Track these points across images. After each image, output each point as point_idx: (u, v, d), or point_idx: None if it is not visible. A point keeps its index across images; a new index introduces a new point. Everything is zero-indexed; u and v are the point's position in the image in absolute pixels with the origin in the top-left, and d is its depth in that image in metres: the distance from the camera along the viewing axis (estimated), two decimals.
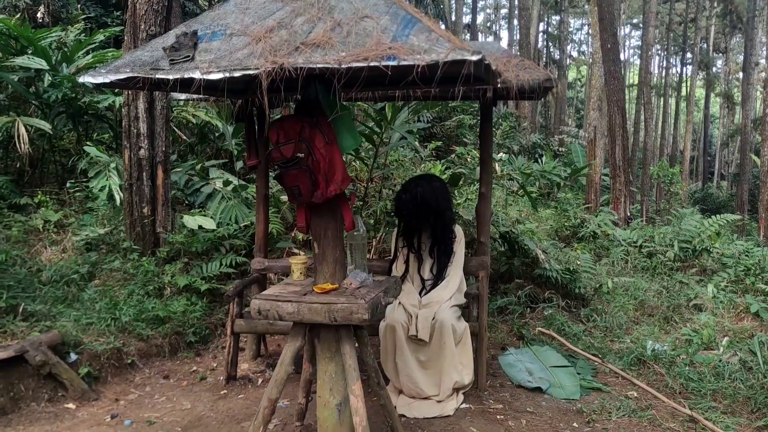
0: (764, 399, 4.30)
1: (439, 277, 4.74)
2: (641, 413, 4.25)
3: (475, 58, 2.45)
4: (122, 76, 2.80)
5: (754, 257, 8.62)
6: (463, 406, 4.39)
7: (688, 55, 38.33)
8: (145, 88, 2.94)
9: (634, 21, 43.44)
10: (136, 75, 2.78)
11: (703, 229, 9.79)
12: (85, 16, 12.95)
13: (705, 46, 39.33)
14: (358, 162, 7.93)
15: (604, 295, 6.89)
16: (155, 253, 6.45)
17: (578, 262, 7.25)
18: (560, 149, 24.93)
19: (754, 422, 4.16)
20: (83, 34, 10.61)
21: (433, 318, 4.43)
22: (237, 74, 2.64)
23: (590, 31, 24.54)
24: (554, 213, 12.10)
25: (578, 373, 4.92)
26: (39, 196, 7.55)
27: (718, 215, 10.31)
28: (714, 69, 42.21)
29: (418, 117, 7.44)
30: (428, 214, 4.71)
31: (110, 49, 9.43)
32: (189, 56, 2.77)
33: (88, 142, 7.72)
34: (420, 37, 2.62)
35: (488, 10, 49.92)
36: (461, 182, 9.60)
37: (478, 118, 22.16)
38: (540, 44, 40.08)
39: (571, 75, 48.02)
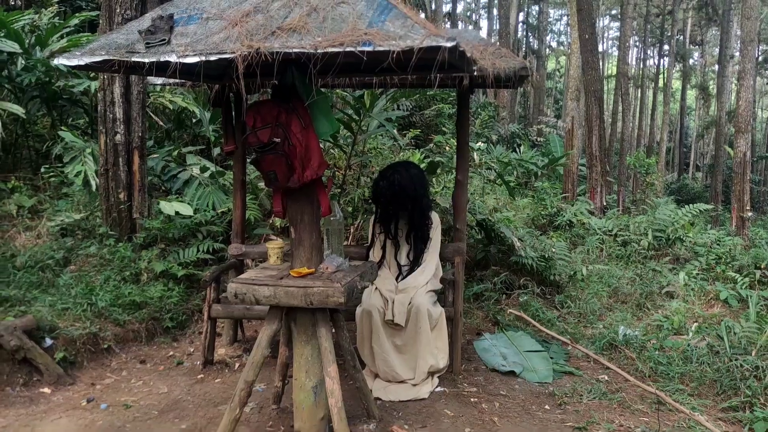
0: (729, 382, 4.41)
1: (415, 262, 4.78)
2: (611, 396, 4.35)
3: (449, 44, 2.48)
4: (97, 59, 2.79)
5: (725, 246, 8.80)
6: (438, 389, 4.46)
7: (665, 47, 38.67)
8: (121, 71, 2.93)
9: (613, 12, 43.67)
10: (111, 58, 2.77)
11: (677, 219, 9.97)
12: (58, 0, 12.72)
13: (682, 38, 39.70)
14: (336, 149, 7.93)
15: (579, 283, 6.99)
16: (132, 239, 6.42)
17: (553, 250, 7.34)
18: (538, 139, 25.08)
19: (719, 404, 4.28)
20: (57, 18, 10.47)
21: (409, 303, 4.48)
22: (213, 58, 2.65)
23: (569, 21, 24.69)
24: (531, 202, 12.21)
25: (551, 358, 5.01)
26: (12, 182, 7.47)
27: (691, 205, 10.49)
28: (690, 61, 42.66)
29: (397, 105, 7.45)
30: (405, 201, 4.74)
31: (85, 34, 9.30)
32: (165, 39, 2.77)
33: (63, 127, 7.65)
34: (395, 24, 2.65)
35: (468, 0, 49.88)
36: (439, 171, 9.64)
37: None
38: (519, 34, 40.15)
39: (551, 65, 48.19)
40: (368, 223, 5.24)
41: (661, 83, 40.34)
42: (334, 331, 3.54)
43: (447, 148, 14.62)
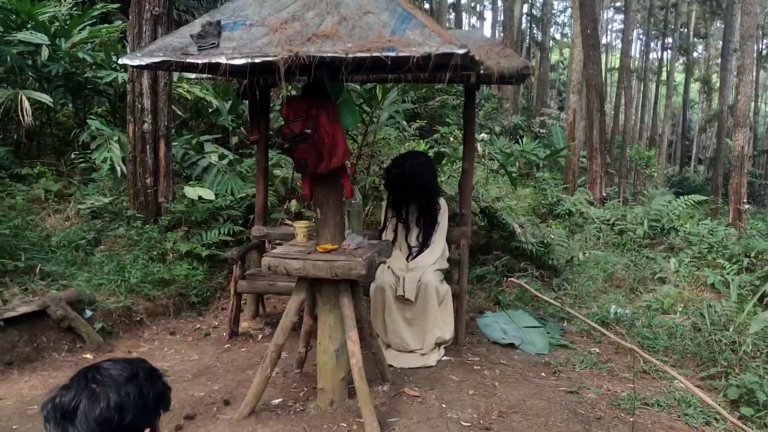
0: (708, 354, 4.86)
1: (424, 244, 5.22)
2: (601, 366, 4.80)
3: (461, 51, 2.91)
4: (156, 60, 3.22)
5: (718, 236, 9.23)
6: (444, 358, 4.91)
7: (669, 40, 38.91)
8: (178, 70, 3.36)
9: (617, 5, 43.87)
10: (168, 59, 3.20)
11: (672, 209, 10.40)
12: None
13: (685, 31, 39.95)
14: (348, 140, 8.36)
15: (576, 267, 7.43)
16: (157, 221, 6.87)
17: (552, 237, 7.77)
18: (541, 131, 25.38)
19: (698, 373, 4.73)
20: (75, 8, 10.87)
21: (419, 280, 4.92)
22: (258, 60, 3.07)
23: (572, 14, 24.96)
24: (533, 192, 12.63)
25: (548, 333, 5.46)
26: (38, 167, 7.90)
27: (685, 196, 10.91)
28: (694, 54, 42.90)
29: (403, 98, 7.87)
30: (416, 188, 5.18)
31: (104, 25, 9.70)
32: (215, 43, 3.20)
33: (90, 116, 8.06)
34: (415, 32, 3.07)
35: None
36: (444, 161, 10.08)
37: (462, 99, 22.60)
38: (524, 25, 40.41)
39: (554, 57, 48.41)
40: (380, 208, 5.67)
41: (663, 76, 40.64)
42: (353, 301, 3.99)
43: (451, 139, 15.06)
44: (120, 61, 3.35)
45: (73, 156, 7.84)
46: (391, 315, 4.95)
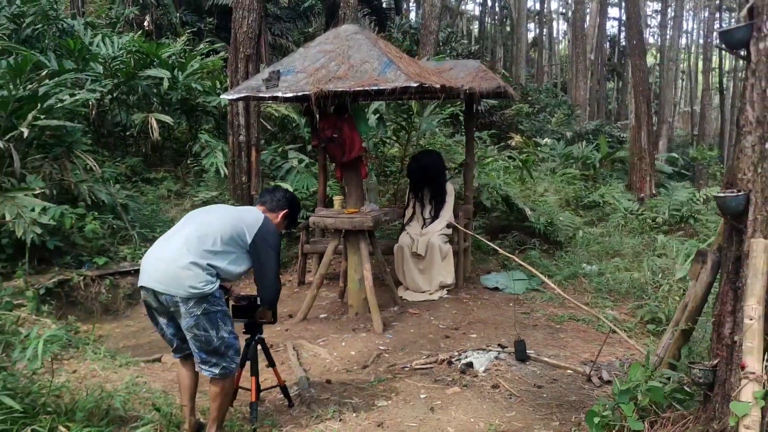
0: (637, 293, 6.57)
1: (435, 216, 7.20)
2: (556, 300, 6.60)
3: (414, 84, 4.93)
4: (242, 95, 5.44)
5: None
6: (445, 296, 6.86)
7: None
8: (255, 100, 5.56)
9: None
10: (249, 94, 5.41)
11: (694, 199, 11.79)
12: (189, 30, 15.89)
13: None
14: (396, 146, 10.43)
15: (577, 241, 9.12)
16: None
17: (560, 218, 9.50)
18: (622, 135, 26.11)
19: (628, 307, 6.44)
20: (188, 44, 13.54)
21: (428, 241, 6.91)
22: (299, 94, 5.21)
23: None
24: (576, 188, 14.20)
25: (529, 284, 7.28)
26: (161, 173, 10.42)
27: (707, 188, 12.24)
28: None
29: (442, 109, 9.84)
30: (428, 176, 7.18)
31: (210, 59, 12.24)
32: (276, 84, 5.36)
33: (201, 131, 10.55)
34: (392, 73, 5.12)
35: None
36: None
37: (537, 106, 24.58)
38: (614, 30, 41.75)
39: (650, 60, 48.59)
40: (406, 192, 7.69)
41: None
42: (371, 245, 6.05)
43: (520, 144, 17.01)
44: (221, 96, 5.58)
45: (188, 162, 10.32)
46: (408, 265, 6.95)
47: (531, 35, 49.72)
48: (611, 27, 43.43)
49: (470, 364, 4.73)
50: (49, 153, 7.55)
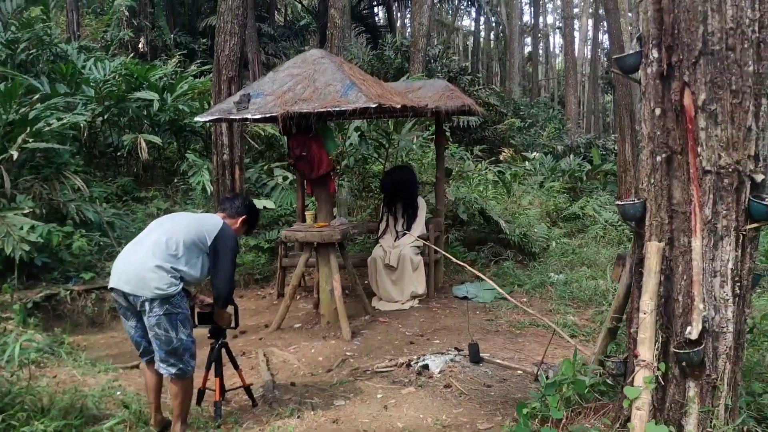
0: (601, 300, 6.88)
1: (407, 229, 7.53)
2: (520, 308, 6.89)
3: (373, 105, 5.28)
4: (213, 117, 5.79)
5: None
6: (416, 305, 7.17)
7: None
8: (227, 122, 5.91)
9: None
10: (220, 117, 5.76)
11: None
12: (180, 53, 16.33)
13: None
14: (377, 163, 10.79)
15: (550, 252, 9.45)
16: None
17: (535, 231, 9.83)
18: (616, 147, 26.40)
19: (589, 313, 6.74)
20: (179, 65, 13.96)
21: (400, 253, 7.23)
22: (268, 116, 5.56)
23: None
24: (559, 201, 14.52)
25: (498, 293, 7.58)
26: (151, 191, 10.77)
27: None
28: None
29: (419, 127, 10.19)
30: (400, 191, 7.52)
31: (198, 80, 12.64)
32: (246, 107, 5.71)
33: (188, 151, 10.92)
34: (353, 95, 5.47)
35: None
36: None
37: (529, 120, 25.06)
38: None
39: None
40: (380, 206, 8.03)
41: None
42: (341, 258, 6.37)
43: (518, 161, 17.42)
44: (195, 119, 5.94)
45: (176, 181, 10.68)
46: (381, 277, 7.27)
47: (528, 49, 50.47)
48: (607, 41, 43.91)
49: (426, 366, 5.03)
50: (40, 174, 7.91)
